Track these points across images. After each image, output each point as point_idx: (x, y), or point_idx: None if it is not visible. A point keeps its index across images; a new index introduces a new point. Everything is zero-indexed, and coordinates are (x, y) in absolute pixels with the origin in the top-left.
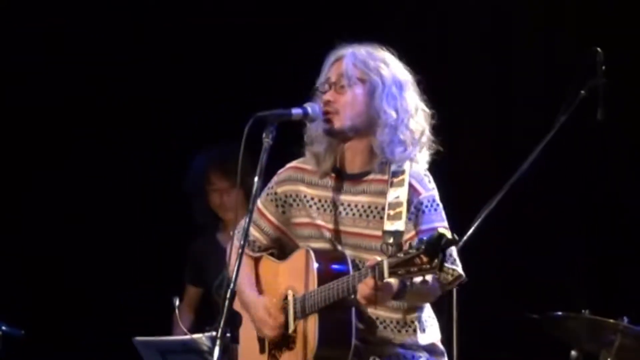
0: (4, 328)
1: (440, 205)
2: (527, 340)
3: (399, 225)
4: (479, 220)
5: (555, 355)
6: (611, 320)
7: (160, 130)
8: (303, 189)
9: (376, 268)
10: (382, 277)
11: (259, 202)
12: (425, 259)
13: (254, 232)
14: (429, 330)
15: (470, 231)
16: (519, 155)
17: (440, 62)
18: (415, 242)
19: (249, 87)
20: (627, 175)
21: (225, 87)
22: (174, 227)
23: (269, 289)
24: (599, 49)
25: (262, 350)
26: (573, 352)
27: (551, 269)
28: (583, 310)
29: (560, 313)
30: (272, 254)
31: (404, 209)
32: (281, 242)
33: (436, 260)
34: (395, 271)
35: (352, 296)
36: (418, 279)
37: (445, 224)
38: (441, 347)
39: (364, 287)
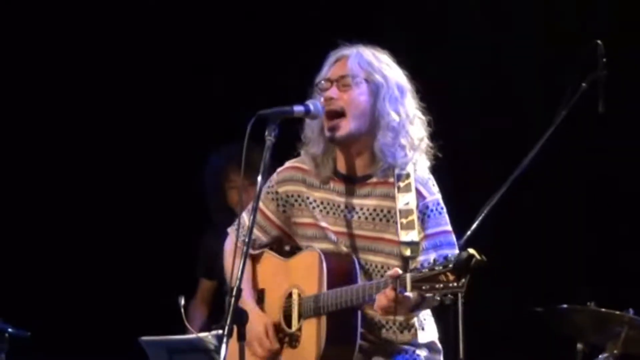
0: (10, 330)
1: (445, 209)
2: (532, 334)
3: (414, 235)
4: (482, 215)
5: (561, 349)
6: (617, 312)
7: (163, 130)
8: (305, 190)
9: (398, 280)
10: (403, 289)
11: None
12: (451, 277)
13: (255, 231)
14: (428, 328)
15: (474, 226)
16: (520, 150)
17: (439, 57)
18: (439, 257)
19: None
20: (630, 167)
21: (231, 85)
22: (180, 227)
23: (269, 285)
24: (599, 41)
25: None
26: (579, 345)
27: (555, 262)
28: (588, 303)
29: (565, 306)
30: (271, 249)
31: (415, 217)
32: (280, 239)
33: (463, 280)
34: (419, 286)
35: (367, 303)
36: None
37: (449, 227)
38: (439, 345)
39: (383, 298)
